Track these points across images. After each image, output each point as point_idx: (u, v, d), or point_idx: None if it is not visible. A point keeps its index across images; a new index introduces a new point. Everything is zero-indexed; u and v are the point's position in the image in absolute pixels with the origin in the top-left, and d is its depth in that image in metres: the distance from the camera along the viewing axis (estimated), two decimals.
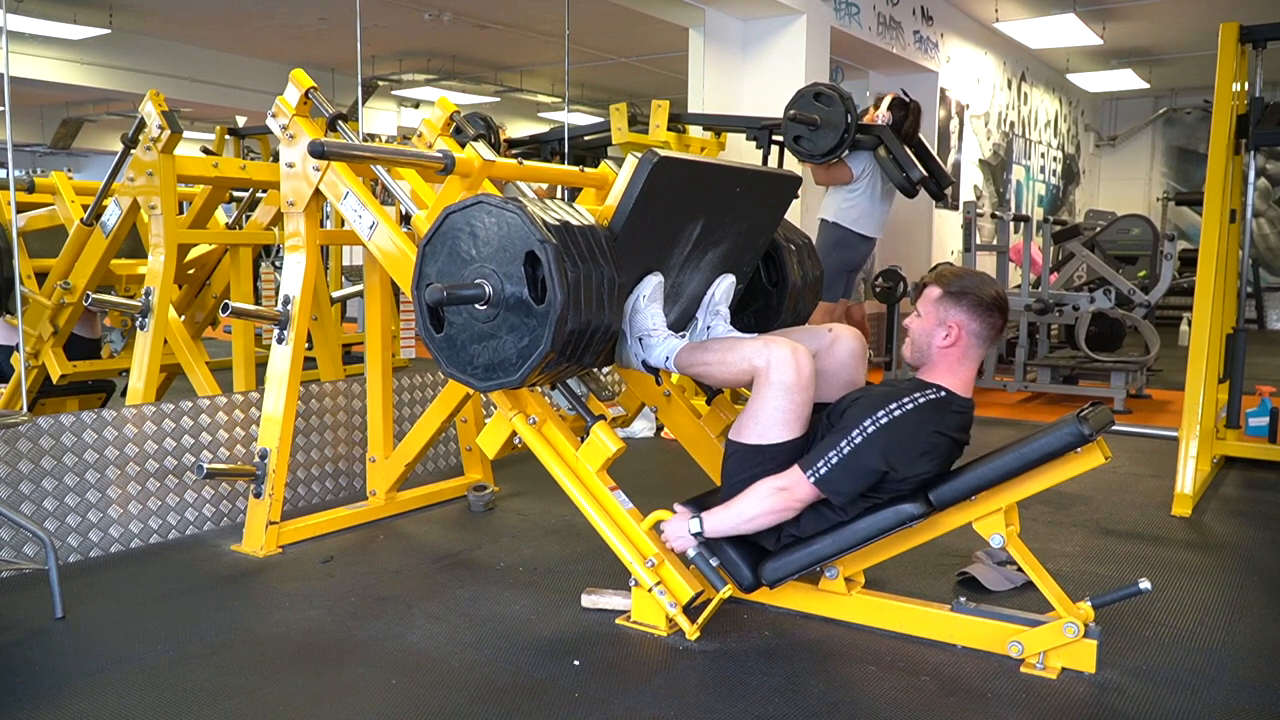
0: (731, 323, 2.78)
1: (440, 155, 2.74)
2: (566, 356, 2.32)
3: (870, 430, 2.22)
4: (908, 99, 4.94)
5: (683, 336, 2.61)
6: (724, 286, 2.76)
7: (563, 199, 2.98)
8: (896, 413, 2.23)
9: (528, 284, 2.27)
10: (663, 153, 2.39)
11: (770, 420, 2.33)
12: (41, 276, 4.15)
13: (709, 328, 2.73)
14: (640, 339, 2.54)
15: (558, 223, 2.27)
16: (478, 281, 2.33)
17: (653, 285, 2.54)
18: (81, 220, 3.89)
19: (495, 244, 2.31)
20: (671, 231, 2.56)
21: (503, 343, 2.34)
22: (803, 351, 2.32)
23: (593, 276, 2.27)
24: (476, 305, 2.34)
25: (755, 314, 3.07)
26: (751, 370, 2.36)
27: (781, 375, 2.29)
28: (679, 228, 2.58)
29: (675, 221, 2.55)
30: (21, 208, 4.26)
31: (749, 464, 2.37)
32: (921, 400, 2.26)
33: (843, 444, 2.23)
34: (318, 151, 2.57)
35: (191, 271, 4.66)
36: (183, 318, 4.69)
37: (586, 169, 3.32)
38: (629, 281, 2.49)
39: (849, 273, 5.22)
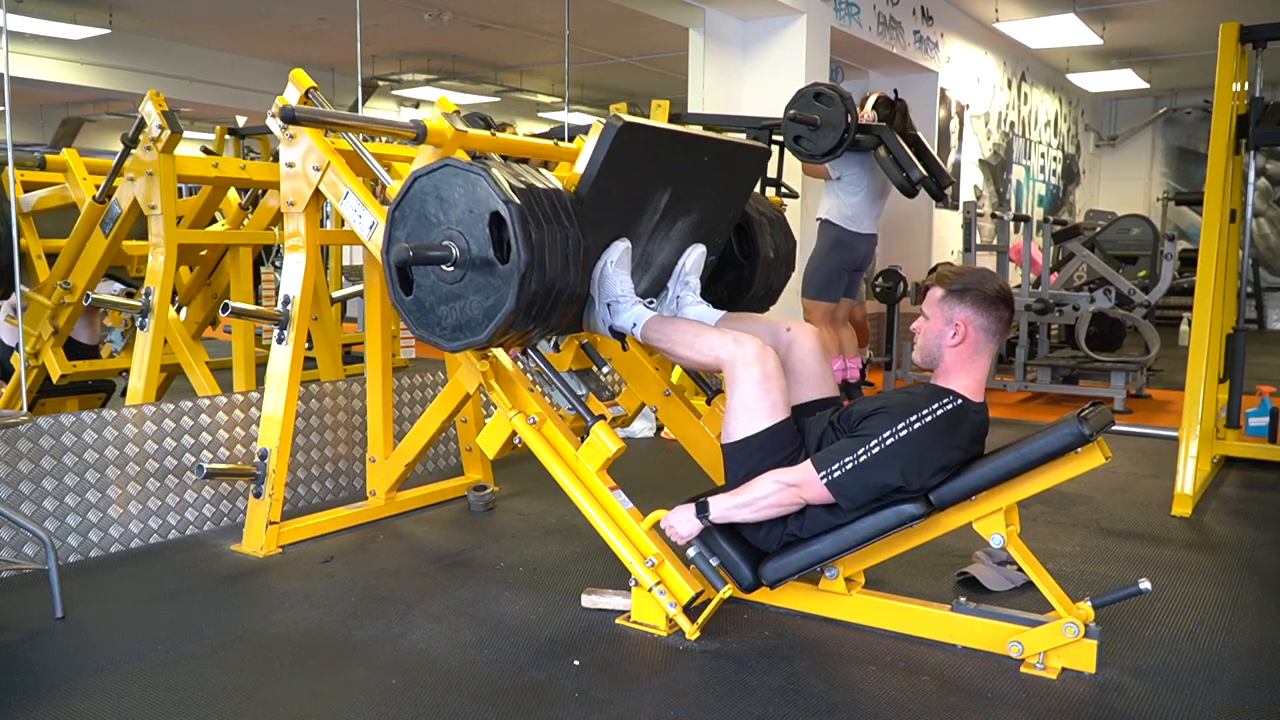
0: (704, 294, 2.85)
1: (412, 124, 2.75)
2: (532, 317, 2.36)
3: (889, 442, 2.22)
4: (894, 97, 4.93)
5: (651, 304, 2.65)
6: (694, 257, 2.80)
7: None
8: (916, 425, 2.23)
9: (493, 245, 2.30)
10: (627, 118, 2.42)
11: (750, 411, 2.38)
12: (52, 257, 4.10)
13: (679, 298, 2.79)
14: (609, 304, 2.59)
15: (522, 185, 2.32)
16: (445, 243, 2.36)
17: (620, 251, 2.58)
18: (93, 198, 3.81)
19: (461, 206, 2.35)
20: (639, 199, 2.60)
21: (469, 303, 2.38)
22: (769, 350, 2.41)
23: (557, 238, 2.32)
24: (444, 266, 2.38)
25: (728, 285, 3.12)
26: (717, 361, 2.44)
27: (749, 370, 2.37)
28: (646, 195, 2.61)
29: (642, 189, 2.59)
30: (31, 187, 4.22)
31: (744, 459, 2.40)
32: (940, 412, 2.25)
33: (859, 451, 2.24)
34: (288, 116, 2.62)
35: (204, 252, 4.61)
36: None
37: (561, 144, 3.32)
38: (596, 247, 2.54)
39: (851, 272, 5.19)
